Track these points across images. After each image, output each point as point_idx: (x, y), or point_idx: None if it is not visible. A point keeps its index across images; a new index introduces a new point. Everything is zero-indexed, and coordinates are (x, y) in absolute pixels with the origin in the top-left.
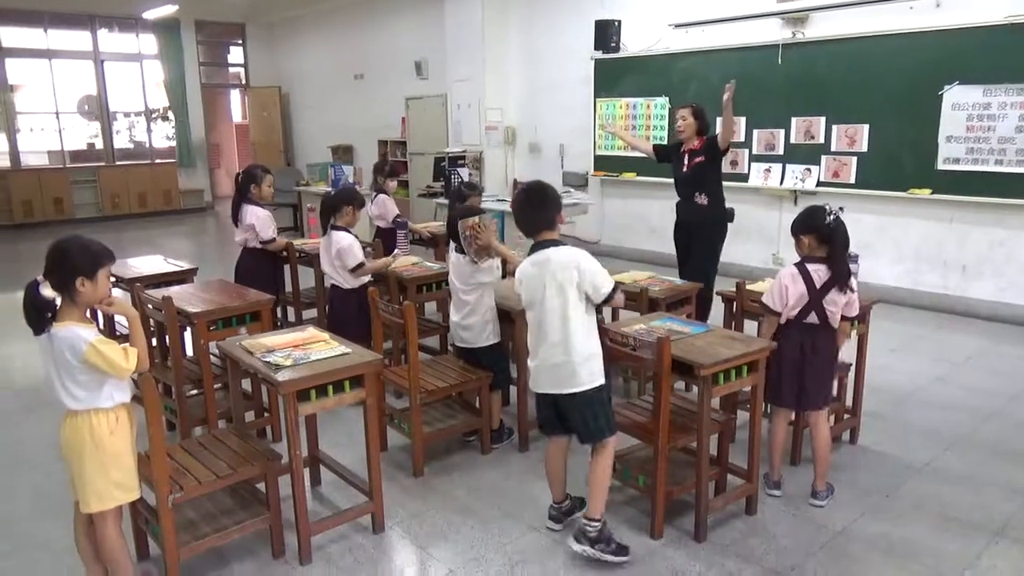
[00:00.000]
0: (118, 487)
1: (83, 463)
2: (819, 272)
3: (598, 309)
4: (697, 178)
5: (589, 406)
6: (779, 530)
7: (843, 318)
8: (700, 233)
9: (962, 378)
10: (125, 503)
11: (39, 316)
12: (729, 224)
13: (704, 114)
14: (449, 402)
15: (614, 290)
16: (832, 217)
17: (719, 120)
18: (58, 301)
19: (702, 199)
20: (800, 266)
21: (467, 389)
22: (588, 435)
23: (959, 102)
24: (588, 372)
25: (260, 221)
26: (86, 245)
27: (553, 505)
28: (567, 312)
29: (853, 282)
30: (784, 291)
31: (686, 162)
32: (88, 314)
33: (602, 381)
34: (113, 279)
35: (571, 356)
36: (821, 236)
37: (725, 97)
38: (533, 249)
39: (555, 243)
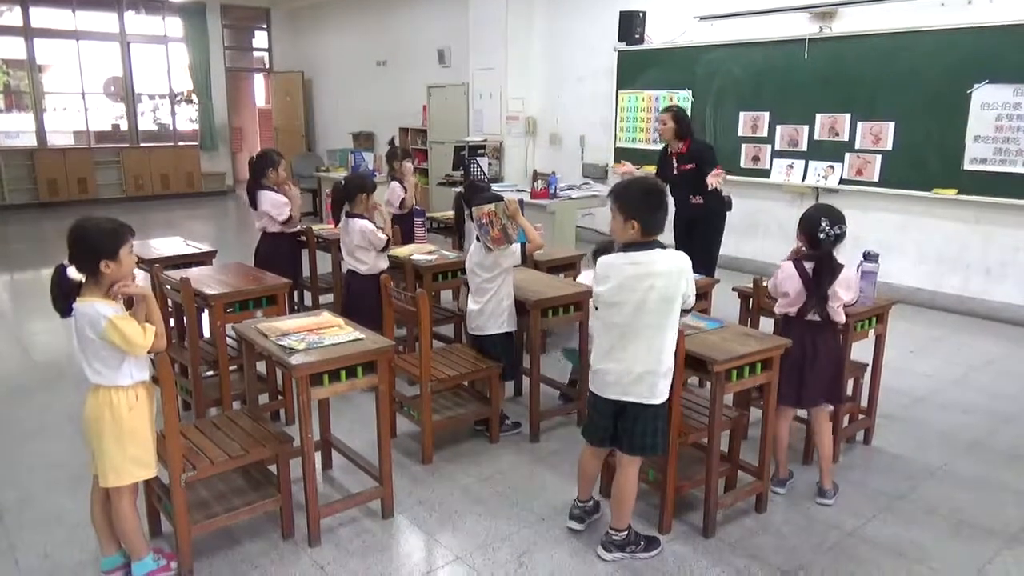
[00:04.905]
0: (135, 463)
1: (102, 437)
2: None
3: None
4: (688, 182)
5: (656, 419)
6: (788, 529)
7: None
8: (698, 228)
9: (981, 382)
10: (141, 480)
11: (65, 300)
12: (728, 213)
13: (684, 118)
14: (459, 390)
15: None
16: (827, 233)
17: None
18: (83, 279)
19: (697, 199)
20: (797, 263)
21: (477, 378)
22: (642, 448)
23: (988, 101)
24: (667, 385)
25: (274, 206)
26: (103, 226)
27: (578, 503)
28: (667, 321)
29: (844, 294)
30: (782, 284)
31: (675, 165)
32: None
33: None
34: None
35: (660, 367)
36: (811, 243)
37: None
38: (634, 248)
39: (660, 244)
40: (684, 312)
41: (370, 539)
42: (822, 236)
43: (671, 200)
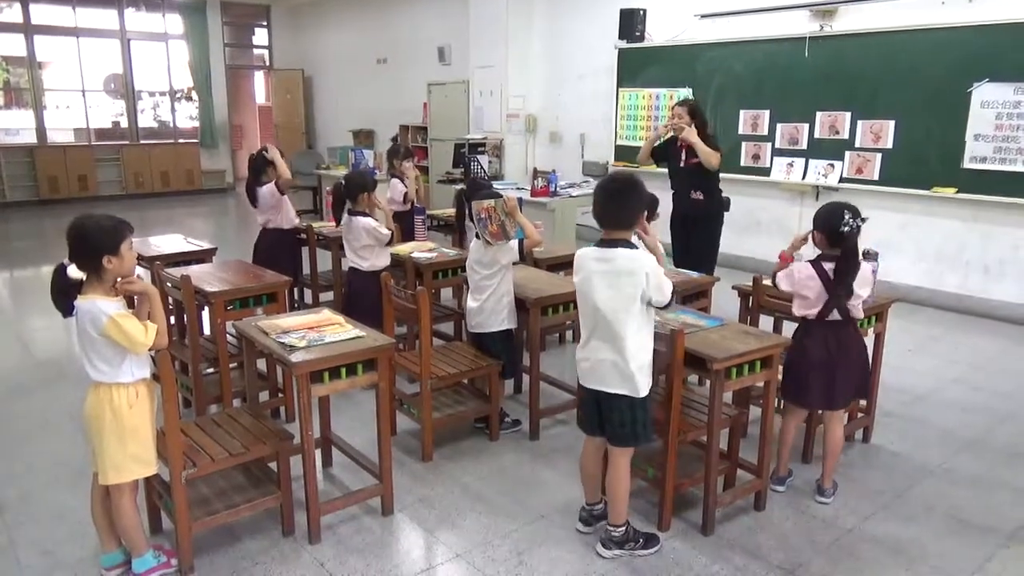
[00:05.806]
0: (135, 460)
1: (102, 435)
2: (833, 271)
3: None
4: (693, 175)
5: (632, 410)
6: (787, 527)
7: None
8: (697, 226)
9: (980, 380)
10: (141, 477)
11: (66, 299)
12: (726, 214)
13: (700, 112)
14: (459, 388)
15: (672, 297)
16: (849, 224)
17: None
18: (83, 278)
19: (697, 195)
20: (816, 264)
21: (477, 376)
22: (622, 438)
23: (988, 100)
24: (643, 380)
25: (271, 194)
26: (103, 223)
27: (585, 507)
28: (627, 317)
29: (862, 291)
30: (799, 283)
31: (683, 157)
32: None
33: (648, 389)
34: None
35: (625, 359)
36: (831, 239)
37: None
38: (602, 244)
39: (627, 244)
40: (662, 310)
41: (370, 536)
42: (845, 229)
43: (670, 194)
